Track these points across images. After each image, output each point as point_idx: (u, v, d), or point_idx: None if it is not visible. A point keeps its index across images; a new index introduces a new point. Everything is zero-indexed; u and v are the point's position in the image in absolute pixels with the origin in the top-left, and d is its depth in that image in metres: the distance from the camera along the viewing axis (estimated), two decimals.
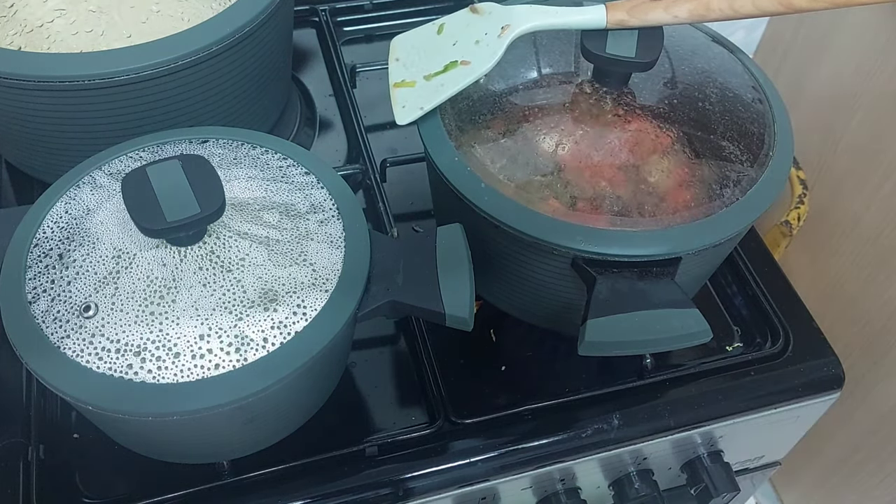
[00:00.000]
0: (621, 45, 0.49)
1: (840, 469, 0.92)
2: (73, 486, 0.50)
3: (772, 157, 0.51)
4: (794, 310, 0.62)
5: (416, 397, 0.56)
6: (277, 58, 0.63)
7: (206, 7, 0.56)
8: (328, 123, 0.73)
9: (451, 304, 0.44)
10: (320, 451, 0.52)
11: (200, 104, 0.57)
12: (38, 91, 0.52)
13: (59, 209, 0.46)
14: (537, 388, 0.57)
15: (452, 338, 0.55)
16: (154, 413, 0.40)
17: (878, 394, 0.82)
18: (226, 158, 0.49)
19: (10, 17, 0.55)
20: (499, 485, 0.53)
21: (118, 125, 0.55)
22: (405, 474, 0.51)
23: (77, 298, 0.42)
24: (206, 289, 0.42)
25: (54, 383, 0.40)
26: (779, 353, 0.59)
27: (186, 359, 0.40)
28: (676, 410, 0.56)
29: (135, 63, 0.52)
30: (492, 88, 0.53)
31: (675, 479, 0.62)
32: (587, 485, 0.58)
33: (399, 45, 0.55)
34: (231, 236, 0.43)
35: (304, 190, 0.48)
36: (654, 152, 0.50)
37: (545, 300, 0.52)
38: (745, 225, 0.48)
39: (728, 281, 0.64)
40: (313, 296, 0.43)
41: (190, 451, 0.48)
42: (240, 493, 0.50)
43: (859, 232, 0.81)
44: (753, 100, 0.54)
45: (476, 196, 0.48)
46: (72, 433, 0.53)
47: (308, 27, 0.81)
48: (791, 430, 0.64)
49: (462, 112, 0.52)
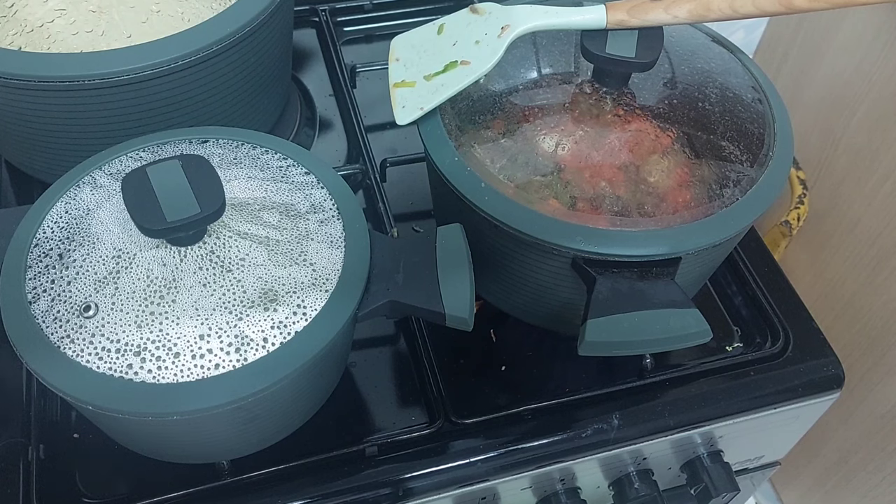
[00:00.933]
0: (621, 46, 0.49)
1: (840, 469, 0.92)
2: (73, 486, 0.50)
3: (772, 157, 0.51)
4: (794, 310, 0.62)
5: (416, 397, 0.56)
6: (277, 58, 0.63)
7: (206, 7, 0.56)
8: (328, 123, 0.73)
9: (451, 304, 0.44)
10: (320, 451, 0.52)
11: (200, 104, 0.57)
12: (38, 91, 0.52)
13: (59, 209, 0.46)
14: (537, 388, 0.57)
15: (452, 338, 0.55)
16: (154, 413, 0.40)
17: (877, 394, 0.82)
18: (226, 158, 0.49)
19: (10, 17, 0.55)
20: (499, 485, 0.53)
21: (118, 125, 0.55)
22: (405, 474, 0.51)
23: (77, 298, 0.42)
24: (206, 289, 0.42)
25: (54, 383, 0.40)
26: (779, 353, 0.59)
27: (186, 359, 0.40)
28: (676, 410, 0.56)
29: (135, 63, 0.52)
30: (492, 88, 0.53)
31: (675, 479, 0.62)
32: (587, 485, 0.58)
33: (399, 46, 0.55)
34: (231, 236, 0.43)
35: (304, 190, 0.48)
36: (654, 152, 0.50)
37: (545, 300, 0.52)
38: (745, 225, 0.48)
39: (728, 281, 0.64)
40: (313, 296, 0.43)
41: (190, 451, 0.48)
42: (240, 493, 0.50)
43: (859, 232, 0.81)
44: (753, 100, 0.54)
45: (476, 196, 0.48)
46: (72, 433, 0.53)
47: (308, 27, 0.81)
48: (791, 430, 0.64)
49: (462, 112, 0.52)
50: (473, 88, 0.53)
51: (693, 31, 0.58)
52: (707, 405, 0.56)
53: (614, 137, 0.50)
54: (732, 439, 0.60)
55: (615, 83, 0.52)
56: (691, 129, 0.51)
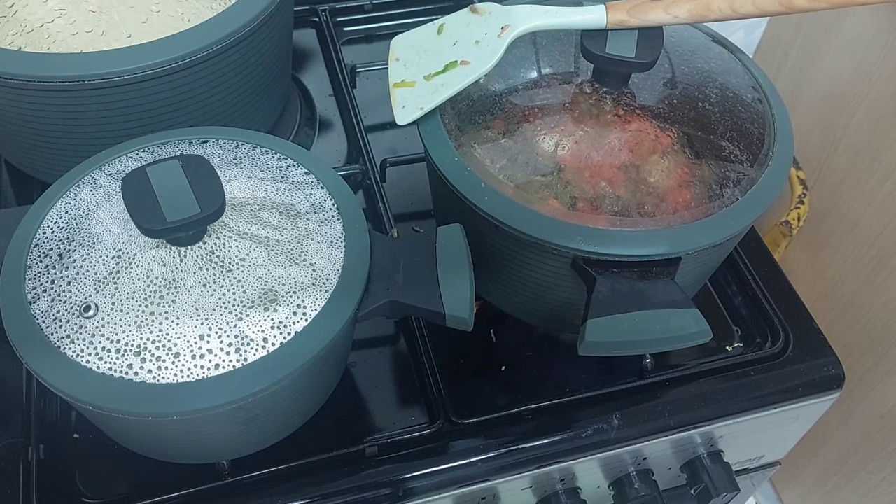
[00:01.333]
0: (621, 46, 0.49)
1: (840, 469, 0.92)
2: (73, 486, 0.50)
3: (772, 157, 0.51)
4: (794, 310, 0.62)
5: (416, 397, 0.56)
6: (277, 58, 0.63)
7: (206, 7, 0.56)
8: (328, 123, 0.73)
9: (451, 304, 0.44)
10: (320, 451, 0.52)
11: (200, 104, 0.57)
12: (38, 91, 0.52)
13: (59, 209, 0.46)
14: (537, 388, 0.57)
15: (452, 338, 0.55)
16: (154, 413, 0.40)
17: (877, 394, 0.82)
18: (226, 158, 0.49)
19: (10, 17, 0.55)
20: (499, 485, 0.53)
21: (118, 125, 0.55)
22: (405, 474, 0.51)
23: (77, 298, 0.42)
24: (206, 289, 0.42)
25: (54, 383, 0.40)
26: (779, 353, 0.59)
27: (186, 359, 0.40)
28: (676, 410, 0.56)
29: (135, 63, 0.52)
30: (492, 88, 0.53)
31: (675, 479, 0.62)
32: (587, 485, 0.58)
33: (399, 46, 0.55)
34: (231, 236, 0.43)
35: (304, 190, 0.48)
36: (654, 152, 0.49)
37: (545, 300, 0.52)
38: (745, 225, 0.48)
39: (728, 281, 0.64)
40: (313, 296, 0.43)
41: (190, 451, 0.48)
42: (240, 493, 0.50)
43: (859, 232, 0.81)
44: (753, 100, 0.54)
45: (476, 196, 0.48)
46: (72, 433, 0.53)
47: (308, 27, 0.81)
48: (791, 430, 0.64)
49: (462, 112, 0.52)
50: (473, 88, 0.53)
51: (693, 31, 0.58)
52: (707, 405, 0.56)
53: (614, 137, 0.50)
54: (732, 439, 0.60)
55: (615, 83, 0.52)
56: (691, 129, 0.51)
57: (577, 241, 0.46)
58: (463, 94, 0.52)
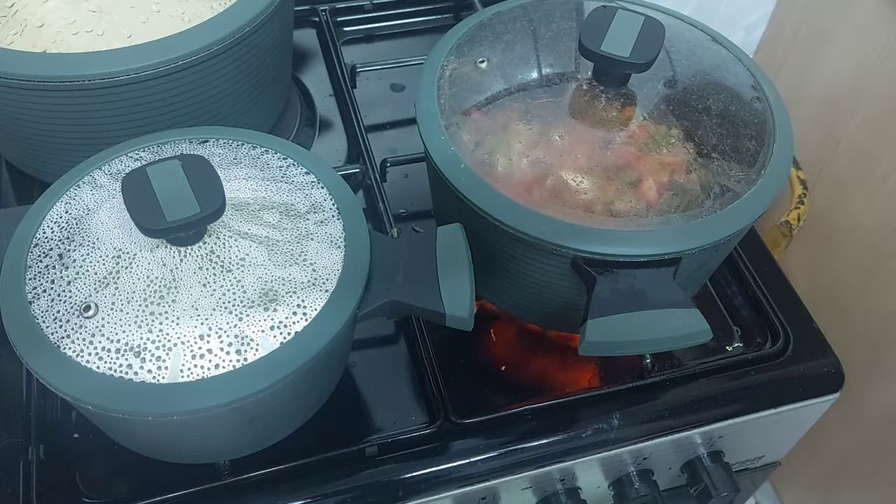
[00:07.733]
0: (618, 45, 0.49)
1: (840, 469, 0.92)
2: (73, 486, 0.50)
3: (772, 157, 0.51)
4: (794, 310, 0.62)
5: (416, 397, 0.56)
6: (277, 58, 0.63)
7: (206, 7, 0.56)
8: (328, 123, 0.73)
9: (451, 304, 0.44)
10: (320, 451, 0.52)
11: (200, 104, 0.57)
12: (38, 91, 0.52)
13: (59, 209, 0.46)
14: (537, 388, 0.57)
15: (452, 338, 0.55)
16: (154, 413, 0.40)
17: (877, 394, 0.82)
18: (226, 158, 0.49)
19: (10, 17, 0.55)
20: (499, 485, 0.53)
21: (118, 125, 0.55)
22: (405, 474, 0.51)
23: (77, 298, 0.42)
24: (206, 289, 0.42)
25: (54, 383, 0.40)
26: (779, 353, 0.59)
27: (186, 359, 0.40)
28: (676, 410, 0.56)
29: (135, 63, 0.52)
30: (492, 88, 0.53)
31: (675, 479, 0.62)
32: (587, 485, 0.58)
33: None
34: (231, 236, 0.43)
35: (304, 190, 0.48)
36: (655, 152, 0.49)
37: (545, 300, 0.52)
38: (744, 225, 0.48)
39: (728, 281, 0.64)
40: (313, 296, 0.43)
41: (190, 451, 0.48)
42: (240, 493, 0.50)
43: (859, 232, 0.81)
44: (753, 99, 0.54)
45: (476, 196, 0.48)
46: (72, 433, 0.53)
47: (308, 27, 0.81)
48: (791, 430, 0.64)
49: (462, 112, 0.52)
50: (473, 88, 0.53)
51: (693, 31, 0.58)
52: (707, 405, 0.56)
53: (614, 137, 0.50)
54: (732, 439, 0.60)
55: (615, 83, 0.52)
56: (691, 128, 0.51)
57: (577, 241, 0.46)
58: (463, 95, 0.52)
